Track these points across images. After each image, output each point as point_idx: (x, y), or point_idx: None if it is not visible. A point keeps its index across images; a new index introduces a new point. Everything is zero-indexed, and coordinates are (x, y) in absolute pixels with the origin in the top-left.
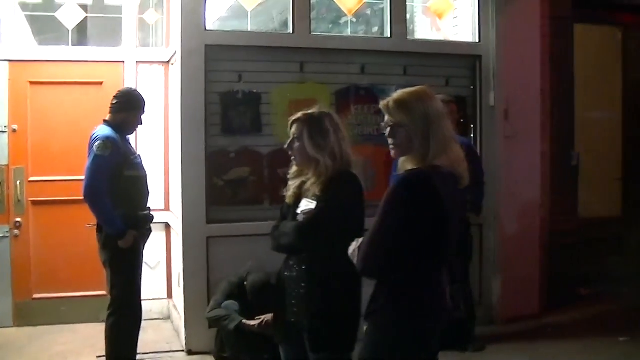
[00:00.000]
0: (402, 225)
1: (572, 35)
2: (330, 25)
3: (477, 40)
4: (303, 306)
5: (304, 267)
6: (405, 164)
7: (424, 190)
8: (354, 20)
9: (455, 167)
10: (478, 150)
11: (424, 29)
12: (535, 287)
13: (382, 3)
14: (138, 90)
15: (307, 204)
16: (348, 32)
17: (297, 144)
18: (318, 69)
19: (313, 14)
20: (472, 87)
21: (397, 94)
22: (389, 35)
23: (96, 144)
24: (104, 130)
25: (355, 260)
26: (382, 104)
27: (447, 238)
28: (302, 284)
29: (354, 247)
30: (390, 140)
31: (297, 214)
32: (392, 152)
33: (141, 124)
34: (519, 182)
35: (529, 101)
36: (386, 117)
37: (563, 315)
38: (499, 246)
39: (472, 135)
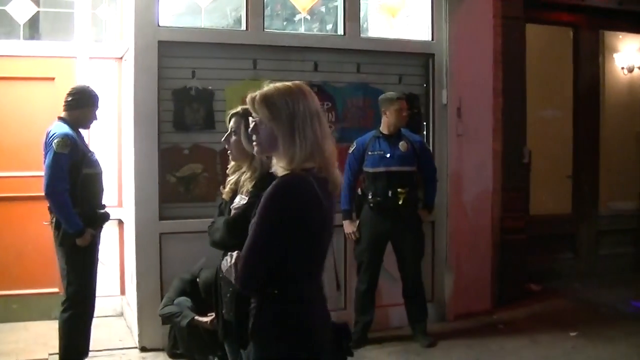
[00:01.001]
0: (282, 233)
1: (524, 34)
2: (285, 23)
3: (430, 39)
4: (232, 305)
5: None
6: (276, 165)
7: (301, 195)
8: (308, 17)
9: (327, 172)
10: (430, 148)
11: (378, 27)
12: (487, 283)
13: (336, 1)
14: (91, 86)
15: (239, 200)
16: (302, 29)
17: (233, 138)
18: (271, 66)
19: (267, 11)
20: (424, 85)
21: (266, 88)
22: (342, 33)
23: (55, 141)
24: (61, 128)
25: (232, 277)
26: (248, 97)
27: (325, 245)
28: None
29: (228, 262)
30: (253, 137)
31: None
32: (255, 149)
33: (96, 119)
34: (470, 179)
35: (481, 99)
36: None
37: (514, 311)
38: (451, 243)
39: (424, 133)
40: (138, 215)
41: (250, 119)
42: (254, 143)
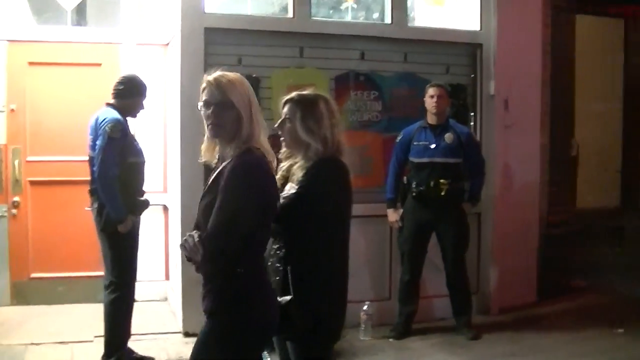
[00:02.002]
0: (251, 208)
1: (574, 25)
2: (331, 11)
3: (478, 29)
4: (278, 292)
5: (281, 253)
6: (224, 147)
7: (266, 173)
8: (354, 6)
9: (269, 154)
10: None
11: (424, 16)
12: (532, 277)
13: None
14: (139, 75)
15: (289, 188)
16: (348, 17)
17: (287, 125)
18: (317, 54)
19: None
20: (472, 76)
21: (225, 73)
22: (389, 22)
23: (108, 125)
24: (111, 113)
25: (199, 255)
26: (209, 79)
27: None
28: (280, 270)
29: (192, 241)
30: (213, 120)
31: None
32: (211, 132)
33: (143, 108)
34: (517, 171)
35: (529, 91)
36: (208, 95)
37: (559, 306)
38: (496, 236)
39: (471, 124)
40: (183, 201)
41: (201, 103)
42: (213, 126)
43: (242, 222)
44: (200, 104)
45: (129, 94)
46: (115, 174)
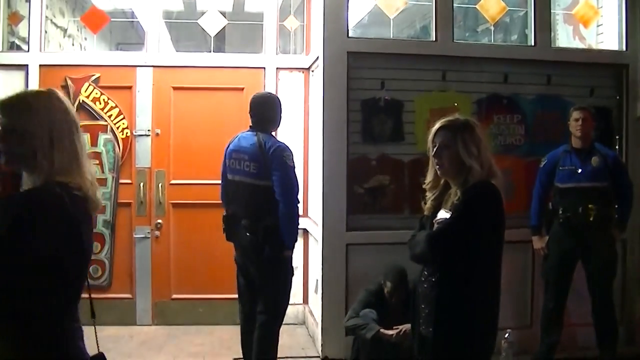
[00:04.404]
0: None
1: None
2: (468, 34)
3: (624, 49)
4: (429, 320)
5: (434, 279)
6: (27, 180)
7: (54, 209)
8: (492, 28)
9: (86, 189)
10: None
11: (564, 37)
12: None
13: (522, 10)
14: (266, 92)
15: (443, 214)
16: (486, 40)
17: (446, 151)
18: (459, 77)
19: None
20: (617, 97)
21: (17, 93)
22: (532, 44)
23: (286, 154)
24: (277, 141)
25: None
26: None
27: (85, 270)
28: (432, 296)
29: None
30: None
31: (434, 224)
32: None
33: (281, 119)
34: None
35: None
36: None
37: None
38: None
39: (617, 147)
40: (326, 225)
41: None
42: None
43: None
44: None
45: (262, 119)
46: (298, 201)
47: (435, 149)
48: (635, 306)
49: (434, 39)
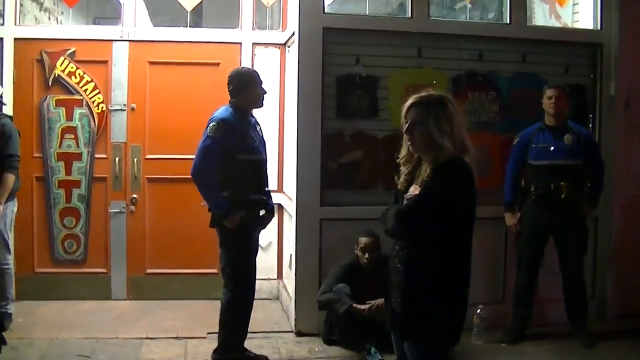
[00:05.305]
0: None
1: None
2: (445, 11)
3: (599, 28)
4: (398, 292)
5: (404, 253)
6: None
7: None
8: (470, 6)
9: None
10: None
11: (540, 16)
12: None
13: None
14: (245, 66)
15: (413, 190)
16: (463, 17)
17: (418, 128)
18: (435, 54)
19: None
20: (591, 76)
21: None
22: (508, 22)
23: (210, 125)
24: (222, 113)
25: None
26: None
27: None
28: (401, 270)
29: None
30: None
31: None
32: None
33: (265, 93)
34: (637, 175)
35: None
36: None
37: None
38: (614, 240)
39: (590, 126)
40: (299, 200)
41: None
42: None
43: None
44: None
45: (241, 89)
46: (209, 171)
47: (407, 125)
48: (606, 282)
49: (410, 16)
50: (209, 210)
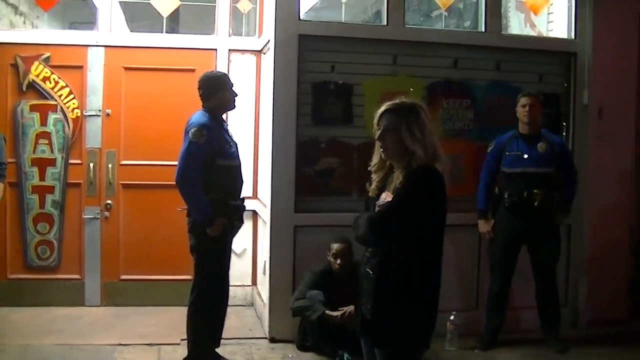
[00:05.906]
0: None
1: None
2: (422, 19)
3: (573, 37)
4: (369, 299)
5: (374, 260)
6: None
7: None
8: (446, 14)
9: None
10: (570, 149)
11: (515, 24)
12: (623, 291)
13: None
14: (214, 70)
15: (385, 197)
16: (439, 25)
17: (390, 135)
18: (410, 61)
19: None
20: (565, 85)
21: None
22: (483, 30)
23: (192, 130)
24: (200, 118)
25: None
26: None
27: None
28: (372, 277)
29: None
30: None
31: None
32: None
33: (236, 95)
34: (610, 182)
35: (625, 100)
36: None
37: None
38: (587, 248)
39: (564, 134)
40: (274, 207)
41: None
42: None
43: None
44: None
45: (210, 93)
46: (195, 177)
47: (379, 132)
48: (578, 289)
49: (386, 23)
50: (188, 215)
